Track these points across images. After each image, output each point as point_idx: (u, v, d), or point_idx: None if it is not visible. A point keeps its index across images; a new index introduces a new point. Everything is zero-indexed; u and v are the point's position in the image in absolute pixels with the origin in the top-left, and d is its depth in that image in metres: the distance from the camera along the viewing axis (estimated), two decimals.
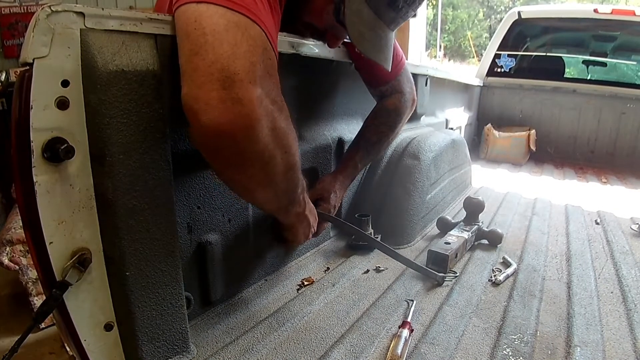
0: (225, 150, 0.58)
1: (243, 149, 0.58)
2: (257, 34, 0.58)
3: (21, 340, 0.56)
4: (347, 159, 1.18)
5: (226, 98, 0.53)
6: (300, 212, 0.86)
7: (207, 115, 0.53)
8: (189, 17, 0.56)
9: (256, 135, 0.57)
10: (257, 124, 0.56)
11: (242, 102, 0.54)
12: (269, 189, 0.69)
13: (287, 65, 1.00)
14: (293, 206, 0.81)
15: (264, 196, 0.71)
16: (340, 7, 0.81)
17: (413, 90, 1.24)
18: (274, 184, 0.69)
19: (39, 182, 0.53)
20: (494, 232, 1.35)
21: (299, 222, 0.88)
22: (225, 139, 0.56)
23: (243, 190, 0.71)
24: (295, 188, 0.76)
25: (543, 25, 3.31)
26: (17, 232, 1.86)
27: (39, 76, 0.51)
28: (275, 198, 0.74)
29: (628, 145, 2.95)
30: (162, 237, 0.68)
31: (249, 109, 0.54)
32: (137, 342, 0.67)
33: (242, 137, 0.56)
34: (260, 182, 0.66)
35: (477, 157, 2.99)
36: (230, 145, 0.57)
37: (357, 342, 0.84)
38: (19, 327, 1.81)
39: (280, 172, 0.67)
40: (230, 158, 0.60)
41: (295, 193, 0.78)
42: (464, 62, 16.22)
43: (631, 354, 0.83)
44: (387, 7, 0.81)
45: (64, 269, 0.56)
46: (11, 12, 3.39)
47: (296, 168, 0.71)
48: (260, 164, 0.62)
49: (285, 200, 0.77)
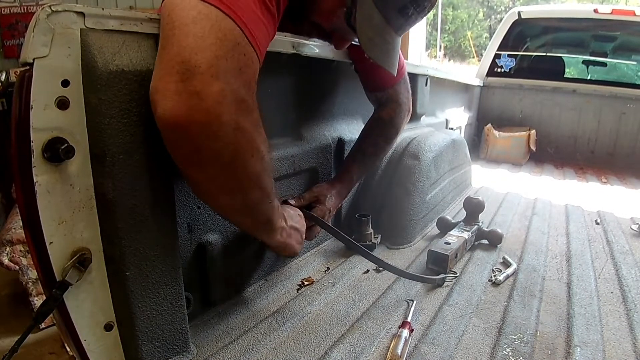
0: (182, 146, 0.56)
1: (200, 145, 0.55)
2: (228, 27, 0.55)
3: (21, 340, 0.56)
4: (344, 170, 1.17)
5: (182, 90, 0.51)
6: (283, 226, 0.82)
7: (162, 107, 0.52)
8: (165, 10, 0.55)
9: (214, 132, 0.54)
10: (214, 120, 0.53)
11: (200, 96, 0.51)
12: (234, 196, 0.64)
13: (288, 65, 1.01)
14: (271, 224, 0.76)
15: (230, 204, 0.66)
16: (352, 11, 0.80)
17: (409, 101, 1.24)
18: (240, 191, 0.64)
19: (39, 182, 0.53)
20: (494, 232, 1.35)
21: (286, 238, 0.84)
22: (180, 133, 0.53)
23: (205, 194, 0.65)
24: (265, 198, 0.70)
25: (543, 25, 3.31)
26: (17, 232, 1.86)
27: (39, 76, 0.51)
28: (245, 209, 0.68)
29: (628, 145, 2.96)
30: (162, 237, 0.68)
31: (206, 103, 0.52)
32: (137, 342, 0.67)
33: (198, 133, 0.53)
34: (222, 186, 0.62)
35: (477, 157, 2.99)
36: (185, 140, 0.54)
37: (357, 342, 0.84)
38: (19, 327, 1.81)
39: (245, 177, 0.62)
40: (188, 155, 0.57)
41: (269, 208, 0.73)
42: (464, 62, 16.22)
43: (631, 354, 0.83)
44: (397, 14, 0.81)
45: (64, 269, 0.56)
46: (11, 12, 3.39)
47: (264, 176, 0.66)
48: (221, 165, 0.58)
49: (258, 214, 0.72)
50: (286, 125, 1.10)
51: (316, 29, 0.90)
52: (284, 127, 1.09)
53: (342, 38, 0.91)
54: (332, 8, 0.83)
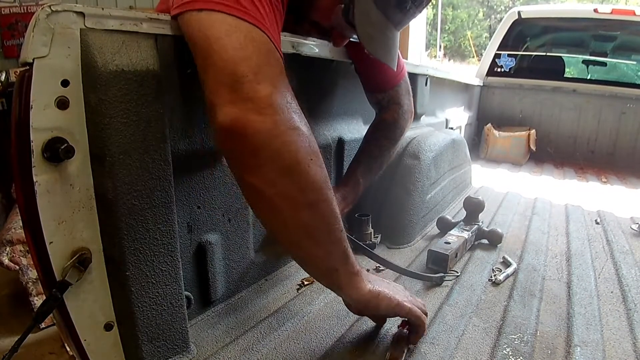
0: (241, 151, 0.56)
1: (257, 146, 0.55)
2: (259, 37, 0.59)
3: (21, 340, 0.56)
4: (348, 175, 1.15)
5: (236, 99, 0.54)
6: (367, 278, 0.71)
7: (221, 116, 0.55)
8: (193, 25, 0.58)
9: (269, 131, 0.55)
10: (268, 119, 0.55)
11: (253, 100, 0.55)
12: (299, 208, 0.58)
13: (287, 65, 1.01)
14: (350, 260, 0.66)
15: (297, 221, 0.59)
16: (349, 7, 0.81)
17: (411, 103, 1.23)
18: (305, 202, 0.58)
19: (39, 182, 0.53)
20: (494, 232, 1.35)
21: (381, 291, 0.72)
22: (238, 137, 0.55)
23: (267, 207, 0.59)
24: (336, 217, 0.62)
25: (543, 25, 3.31)
26: (17, 232, 1.86)
27: (39, 76, 0.51)
28: (313, 229, 0.60)
29: (628, 145, 2.95)
30: (162, 237, 0.68)
31: (259, 105, 0.55)
32: (137, 342, 0.67)
33: (254, 133, 0.54)
34: (284, 194, 0.57)
35: (477, 157, 2.99)
36: (243, 143, 0.55)
37: (357, 342, 0.84)
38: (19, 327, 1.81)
39: (308, 183, 0.58)
40: (247, 159, 0.57)
41: (342, 234, 0.64)
42: (464, 62, 16.22)
43: (631, 353, 0.83)
44: (394, 9, 0.82)
45: (64, 269, 0.56)
46: (11, 12, 3.39)
47: (328, 187, 0.61)
48: (280, 168, 0.56)
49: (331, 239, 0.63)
50: None
51: (315, 27, 0.90)
52: None
53: (341, 35, 0.91)
54: (330, 5, 0.83)
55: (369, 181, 1.17)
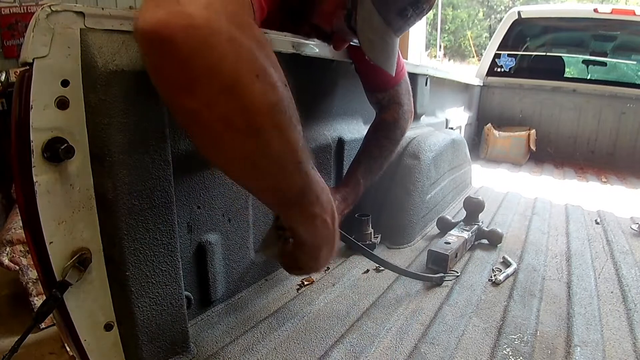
0: (168, 63, 0.45)
1: (187, 56, 0.44)
2: None
3: (21, 340, 0.56)
4: (349, 175, 1.14)
5: (162, 0, 0.44)
6: (322, 216, 0.61)
7: (140, 21, 0.44)
8: None
9: (203, 39, 0.44)
10: (202, 25, 0.43)
11: (180, 2, 0.44)
12: (244, 137, 0.48)
13: (287, 65, 1.01)
14: (306, 200, 0.58)
15: (240, 151, 0.50)
16: (352, 13, 0.81)
17: (411, 102, 1.23)
18: (251, 130, 0.48)
19: (39, 182, 0.53)
20: (494, 232, 1.35)
21: (322, 237, 0.64)
22: (162, 44, 0.44)
23: (206, 134, 0.49)
24: (291, 153, 0.53)
25: (543, 25, 3.31)
26: (17, 232, 1.86)
27: (38, 76, 0.51)
28: (263, 163, 0.51)
29: (628, 145, 2.96)
30: (162, 237, 0.68)
31: (190, 8, 0.43)
32: (137, 342, 0.67)
33: (183, 40, 0.43)
34: (225, 118, 0.47)
35: (477, 157, 2.99)
36: (170, 53, 0.44)
37: (357, 342, 0.84)
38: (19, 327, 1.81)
39: (253, 106, 0.47)
40: (176, 74, 0.45)
41: (300, 172, 0.55)
42: (464, 62, 16.23)
43: (631, 353, 0.83)
44: (396, 16, 0.82)
45: (64, 269, 0.56)
46: (11, 12, 3.39)
47: (282, 114, 0.50)
48: (219, 86, 0.45)
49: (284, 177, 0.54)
50: None
51: (316, 30, 0.90)
52: None
53: (342, 39, 0.91)
54: (333, 10, 0.83)
55: (369, 182, 1.17)
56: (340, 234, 0.94)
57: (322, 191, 0.60)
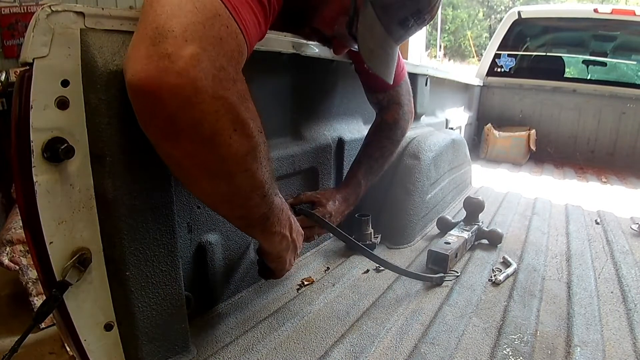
0: (155, 115, 0.50)
1: (174, 113, 0.49)
2: (210, 1, 0.51)
3: (21, 340, 0.56)
4: (349, 176, 1.14)
5: (153, 53, 0.47)
6: (282, 232, 0.74)
7: (130, 71, 0.48)
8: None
9: (188, 98, 0.48)
10: (188, 84, 0.47)
11: (171, 58, 0.47)
12: (217, 180, 0.57)
13: (288, 65, 1.01)
14: (268, 223, 0.69)
15: (213, 190, 0.59)
16: (354, 20, 0.80)
17: (411, 103, 1.23)
18: (224, 175, 0.56)
19: (39, 182, 0.53)
20: (494, 232, 1.35)
21: (282, 248, 0.77)
22: (151, 98, 0.48)
23: (186, 176, 0.57)
24: (257, 189, 0.62)
25: (543, 25, 3.31)
26: (17, 232, 1.86)
27: (39, 76, 0.51)
28: (232, 199, 0.61)
29: (628, 145, 2.96)
30: (162, 237, 0.68)
31: (178, 65, 0.47)
32: (137, 342, 0.67)
33: (170, 97, 0.47)
34: (203, 166, 0.55)
35: (477, 157, 2.99)
36: (157, 107, 0.48)
37: (357, 342, 0.84)
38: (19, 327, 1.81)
39: (228, 157, 0.54)
40: (162, 126, 0.50)
41: (263, 203, 0.65)
42: (464, 62, 16.23)
43: (631, 353, 0.83)
44: (397, 25, 0.82)
45: (64, 269, 0.56)
46: (11, 12, 3.39)
47: (252, 160, 0.58)
48: (200, 139, 0.51)
49: (250, 208, 0.64)
50: (286, 125, 1.10)
51: (316, 34, 0.90)
52: (283, 127, 1.09)
53: (342, 45, 0.91)
54: (335, 15, 0.83)
55: (370, 182, 1.17)
56: (341, 234, 0.96)
57: (282, 212, 0.72)
